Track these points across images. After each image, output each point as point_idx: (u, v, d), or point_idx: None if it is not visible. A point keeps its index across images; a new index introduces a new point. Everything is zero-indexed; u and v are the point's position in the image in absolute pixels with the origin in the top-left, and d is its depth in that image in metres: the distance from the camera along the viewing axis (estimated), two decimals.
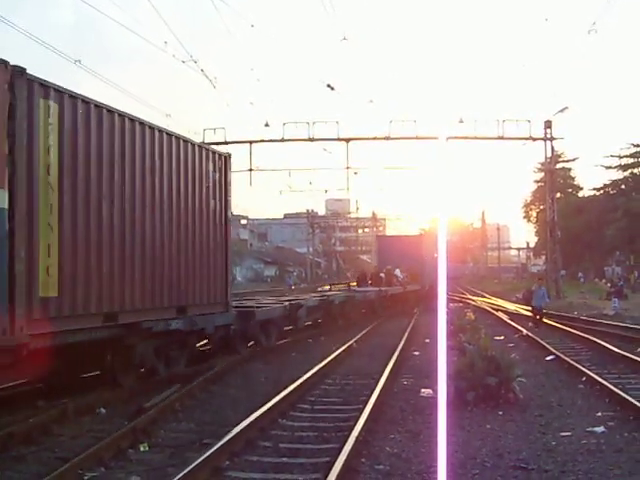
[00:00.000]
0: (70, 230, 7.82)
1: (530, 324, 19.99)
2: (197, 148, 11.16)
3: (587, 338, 15.26)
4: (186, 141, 10.77)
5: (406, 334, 16.51)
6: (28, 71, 7.26)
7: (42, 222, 7.35)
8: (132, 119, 9.20)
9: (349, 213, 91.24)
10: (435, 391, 8.33)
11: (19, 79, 7.11)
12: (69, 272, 7.76)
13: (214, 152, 11.89)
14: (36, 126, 7.31)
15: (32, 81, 7.32)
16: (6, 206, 6.82)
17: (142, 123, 9.42)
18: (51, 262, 7.45)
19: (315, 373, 10.57)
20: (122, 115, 8.96)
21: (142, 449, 6.64)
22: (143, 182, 9.35)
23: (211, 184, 11.42)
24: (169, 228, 10.01)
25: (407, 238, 38.09)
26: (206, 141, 29.97)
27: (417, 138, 28.64)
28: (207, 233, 11.26)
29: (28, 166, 7.20)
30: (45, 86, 7.53)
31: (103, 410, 8.25)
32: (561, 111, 31.60)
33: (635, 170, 59.57)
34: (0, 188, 6.80)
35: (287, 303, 15.55)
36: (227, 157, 12.10)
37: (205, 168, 11.24)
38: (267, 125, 29.62)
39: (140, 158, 9.28)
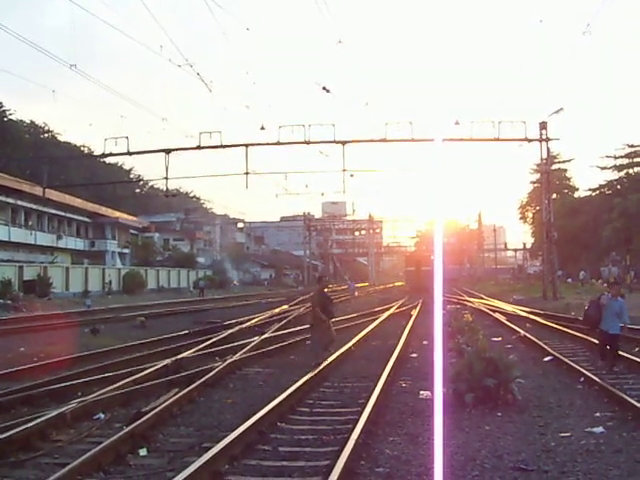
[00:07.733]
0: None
1: (599, 363, 11.63)
2: None
3: (585, 339, 15.27)
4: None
5: (403, 337, 16.49)
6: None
7: None
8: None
9: (345, 216, 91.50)
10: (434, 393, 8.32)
11: None
12: None
13: None
14: None
15: None
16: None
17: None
18: None
19: (314, 376, 10.56)
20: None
21: (141, 454, 6.63)
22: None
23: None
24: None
25: None
26: (202, 145, 30.07)
27: (413, 140, 28.74)
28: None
29: None
30: None
31: (102, 415, 8.23)
32: (556, 112, 31.80)
33: (630, 170, 59.94)
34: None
35: None
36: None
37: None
38: (263, 128, 29.70)
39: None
